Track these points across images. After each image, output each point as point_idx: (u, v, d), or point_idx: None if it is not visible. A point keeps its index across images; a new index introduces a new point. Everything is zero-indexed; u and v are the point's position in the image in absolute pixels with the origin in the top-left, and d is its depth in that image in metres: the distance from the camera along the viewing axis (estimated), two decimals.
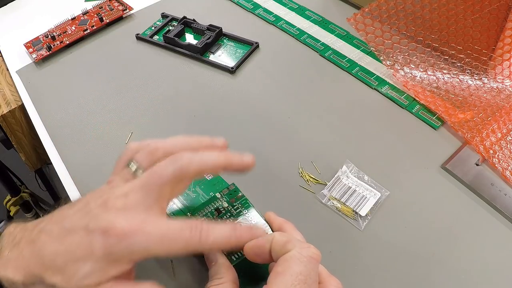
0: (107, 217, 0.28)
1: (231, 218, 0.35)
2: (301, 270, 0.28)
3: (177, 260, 0.38)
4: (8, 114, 0.54)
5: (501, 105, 0.49)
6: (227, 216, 0.35)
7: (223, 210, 0.36)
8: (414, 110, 0.50)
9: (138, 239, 0.27)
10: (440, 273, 0.37)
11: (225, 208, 0.36)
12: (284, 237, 0.30)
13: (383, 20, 0.52)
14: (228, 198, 0.36)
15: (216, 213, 0.36)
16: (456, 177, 0.43)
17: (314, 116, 0.50)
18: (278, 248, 0.30)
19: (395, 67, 0.53)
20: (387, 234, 0.40)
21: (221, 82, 0.54)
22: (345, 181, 0.43)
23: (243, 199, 0.36)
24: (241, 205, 0.36)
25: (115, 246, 0.27)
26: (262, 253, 0.30)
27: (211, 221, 0.32)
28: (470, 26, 0.49)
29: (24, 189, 0.86)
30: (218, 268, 0.31)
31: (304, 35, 0.60)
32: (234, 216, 0.35)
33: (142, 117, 0.50)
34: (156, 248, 0.27)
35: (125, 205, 0.28)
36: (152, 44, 0.59)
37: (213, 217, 0.36)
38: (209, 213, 0.35)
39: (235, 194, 0.37)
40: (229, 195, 0.37)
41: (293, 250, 0.29)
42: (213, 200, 0.37)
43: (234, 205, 0.36)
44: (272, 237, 0.30)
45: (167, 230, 0.28)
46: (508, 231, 0.40)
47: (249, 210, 0.35)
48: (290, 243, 0.29)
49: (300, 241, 0.30)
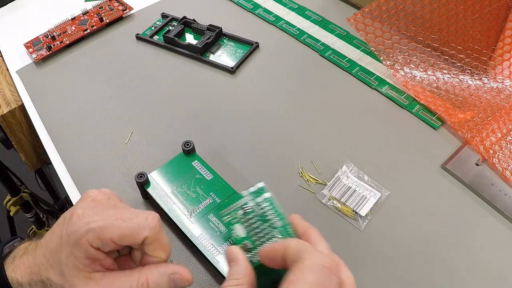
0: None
1: (255, 217, 0.34)
2: (314, 280, 0.27)
3: (177, 260, 0.38)
4: (8, 114, 0.54)
5: (501, 105, 0.49)
6: (252, 215, 0.34)
7: (248, 210, 0.35)
8: (414, 110, 0.50)
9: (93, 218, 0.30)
10: (440, 273, 0.37)
11: (251, 207, 0.35)
12: (299, 244, 0.29)
13: (383, 20, 0.52)
14: (254, 197, 0.35)
15: (241, 211, 0.35)
16: (456, 177, 0.43)
17: (314, 116, 0.50)
18: (292, 254, 0.29)
19: (395, 67, 0.53)
20: (387, 234, 0.40)
21: (221, 82, 0.54)
22: (345, 181, 0.43)
23: (270, 199, 0.35)
24: (267, 205, 0.35)
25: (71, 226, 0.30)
26: (275, 257, 0.30)
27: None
28: (470, 26, 0.49)
29: (24, 189, 0.86)
30: (237, 269, 0.31)
31: (304, 35, 0.60)
32: (258, 216, 0.34)
33: (142, 117, 0.50)
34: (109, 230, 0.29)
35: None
36: (152, 44, 0.59)
37: (237, 215, 0.35)
38: (234, 211, 0.35)
39: (262, 193, 0.35)
40: (256, 194, 0.35)
41: (306, 259, 0.28)
42: (239, 198, 0.36)
43: (260, 205, 0.35)
44: (287, 242, 0.30)
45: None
46: (508, 231, 0.40)
47: (274, 211, 0.34)
48: (305, 251, 0.28)
49: (315, 250, 0.29)
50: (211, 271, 0.37)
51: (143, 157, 0.46)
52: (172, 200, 0.40)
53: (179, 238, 0.40)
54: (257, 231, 0.34)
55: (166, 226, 0.40)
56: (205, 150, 0.45)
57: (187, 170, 0.42)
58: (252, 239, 0.33)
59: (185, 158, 0.43)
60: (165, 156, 0.46)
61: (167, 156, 0.45)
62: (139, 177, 0.40)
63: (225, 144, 0.47)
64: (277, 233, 0.33)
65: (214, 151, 0.46)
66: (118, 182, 0.44)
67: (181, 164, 0.42)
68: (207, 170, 0.42)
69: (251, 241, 0.33)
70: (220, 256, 0.36)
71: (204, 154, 0.44)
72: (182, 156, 0.43)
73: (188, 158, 0.43)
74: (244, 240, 0.33)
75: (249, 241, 0.33)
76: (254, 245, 0.33)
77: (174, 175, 0.41)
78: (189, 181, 0.41)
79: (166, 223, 0.40)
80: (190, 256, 0.38)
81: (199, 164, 0.42)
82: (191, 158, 0.43)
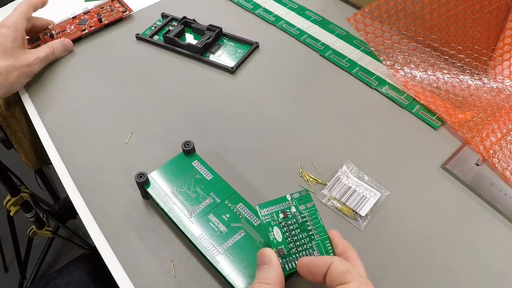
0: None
1: (295, 224, 0.34)
2: None
3: (177, 260, 0.38)
4: (8, 114, 0.54)
5: (501, 105, 0.49)
6: (292, 221, 0.34)
7: (289, 215, 0.34)
8: (414, 110, 0.50)
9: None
10: (440, 273, 0.37)
11: (293, 213, 0.34)
12: (344, 266, 0.29)
13: (383, 20, 0.52)
14: (297, 203, 0.35)
15: (281, 215, 0.34)
16: (456, 177, 0.43)
17: (314, 116, 0.50)
18: (335, 275, 0.29)
19: (395, 67, 0.53)
20: (387, 234, 0.40)
21: (221, 82, 0.54)
22: (345, 181, 0.43)
23: (313, 209, 0.35)
24: (308, 215, 0.35)
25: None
26: (316, 273, 0.30)
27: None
28: (470, 26, 0.49)
29: (24, 189, 0.86)
30: (270, 273, 0.31)
31: (304, 35, 0.60)
32: (298, 224, 0.34)
33: (142, 117, 0.50)
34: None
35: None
36: (152, 44, 0.59)
37: (278, 218, 0.34)
38: (275, 213, 0.34)
39: (306, 201, 0.35)
40: (299, 201, 0.35)
41: (351, 283, 0.28)
42: (282, 201, 0.35)
43: (302, 213, 0.34)
44: (332, 261, 0.29)
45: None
46: (508, 231, 0.40)
47: (315, 223, 0.34)
48: (350, 274, 0.28)
49: (360, 275, 0.29)
50: (211, 271, 0.37)
51: (143, 157, 0.46)
52: (172, 200, 0.40)
53: (179, 238, 0.40)
54: (295, 239, 0.33)
55: (166, 226, 0.40)
56: (205, 150, 0.45)
57: (187, 170, 0.42)
58: (289, 246, 0.33)
59: (185, 158, 0.43)
60: (165, 156, 0.46)
61: (167, 156, 0.45)
62: (139, 177, 0.40)
63: (225, 144, 0.47)
64: (315, 246, 0.33)
65: (214, 151, 0.46)
66: (118, 182, 0.44)
67: (181, 164, 0.42)
68: (207, 170, 0.42)
69: (287, 248, 0.33)
70: (220, 256, 0.36)
71: (204, 154, 0.44)
72: (182, 156, 0.43)
73: (188, 158, 0.43)
74: (280, 245, 0.33)
75: (285, 247, 0.33)
76: (288, 253, 0.33)
77: (174, 175, 0.41)
78: (189, 181, 0.41)
79: (166, 223, 0.41)
80: (190, 256, 0.38)
81: (199, 164, 0.42)
82: (191, 158, 0.43)
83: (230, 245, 0.37)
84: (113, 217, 0.41)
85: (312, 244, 0.33)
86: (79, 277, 0.53)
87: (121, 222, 0.41)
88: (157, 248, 0.39)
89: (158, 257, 0.38)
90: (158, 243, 0.39)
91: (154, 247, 0.39)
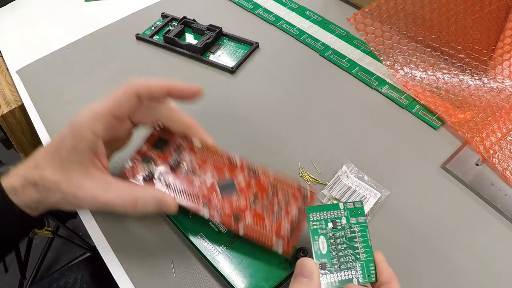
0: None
1: (343, 238, 0.32)
2: None
3: (177, 260, 0.38)
4: (8, 114, 0.54)
5: (501, 105, 0.49)
6: (340, 234, 0.32)
7: (339, 226, 0.33)
8: (414, 110, 0.50)
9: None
10: (440, 273, 0.37)
11: (342, 225, 0.32)
12: None
13: (383, 20, 0.52)
14: (349, 215, 0.33)
15: (331, 224, 0.32)
16: (456, 177, 0.43)
17: (314, 116, 0.50)
18: None
19: (395, 67, 0.53)
20: (387, 234, 0.40)
21: (221, 82, 0.54)
22: (345, 181, 0.43)
23: (363, 225, 0.33)
24: (358, 230, 0.33)
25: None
26: None
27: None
28: (470, 26, 0.49)
29: None
30: (309, 285, 0.30)
31: (304, 35, 0.60)
32: (346, 238, 0.32)
33: None
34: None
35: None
36: (152, 44, 0.59)
37: (327, 227, 0.32)
38: (324, 221, 0.33)
39: (358, 215, 0.33)
40: (352, 213, 0.33)
41: None
42: (334, 208, 0.33)
43: (352, 227, 0.33)
44: None
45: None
46: (508, 231, 0.40)
47: (363, 241, 0.32)
48: None
49: None
50: (211, 271, 0.37)
51: None
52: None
53: (179, 238, 0.40)
54: (339, 254, 0.32)
55: (166, 226, 0.40)
56: None
57: None
58: (332, 262, 0.32)
59: None
60: None
61: None
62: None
63: (224, 144, 0.47)
64: (359, 267, 0.32)
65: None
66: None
67: None
68: None
69: (330, 263, 0.32)
70: (220, 256, 0.36)
71: None
72: None
73: None
74: (324, 258, 0.32)
75: (328, 262, 0.32)
76: (330, 268, 0.31)
77: None
78: None
79: (166, 223, 0.40)
80: (190, 256, 0.38)
81: None
82: None
83: (230, 245, 0.37)
84: (113, 217, 0.41)
85: (356, 264, 0.31)
86: (83, 279, 0.53)
87: (121, 222, 0.41)
88: (157, 248, 0.39)
89: (158, 257, 0.38)
90: (158, 243, 0.39)
91: (154, 247, 0.39)
